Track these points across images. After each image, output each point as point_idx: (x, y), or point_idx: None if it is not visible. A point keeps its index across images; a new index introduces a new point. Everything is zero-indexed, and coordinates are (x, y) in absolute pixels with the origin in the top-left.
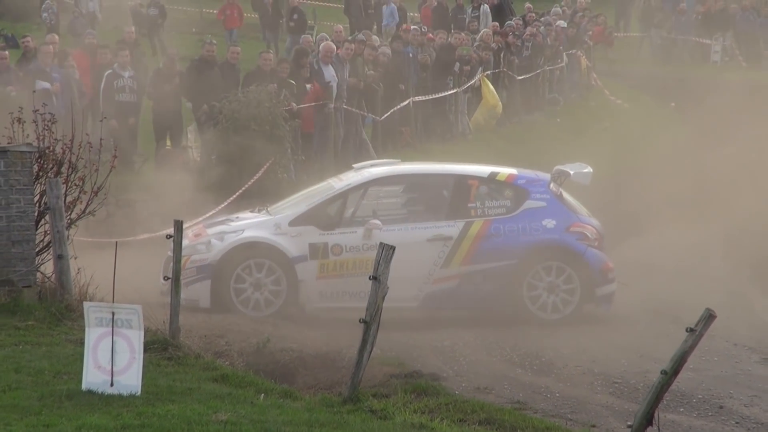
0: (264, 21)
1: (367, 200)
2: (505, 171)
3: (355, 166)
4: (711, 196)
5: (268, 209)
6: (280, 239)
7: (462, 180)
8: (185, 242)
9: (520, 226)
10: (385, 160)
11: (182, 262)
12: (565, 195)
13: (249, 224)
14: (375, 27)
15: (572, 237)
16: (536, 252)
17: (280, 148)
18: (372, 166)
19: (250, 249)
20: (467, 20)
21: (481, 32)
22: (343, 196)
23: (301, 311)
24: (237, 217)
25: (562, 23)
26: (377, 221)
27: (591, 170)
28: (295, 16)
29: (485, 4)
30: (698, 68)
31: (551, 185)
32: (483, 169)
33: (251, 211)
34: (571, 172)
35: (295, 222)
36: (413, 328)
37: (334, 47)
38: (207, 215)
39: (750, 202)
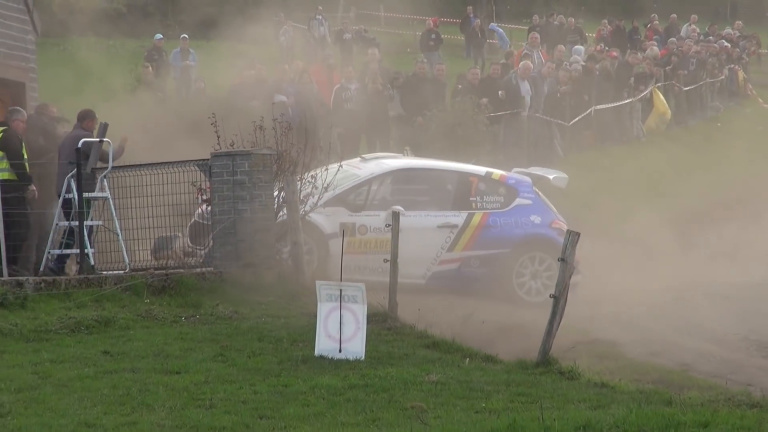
0: (470, 41)
1: (385, 187)
2: (497, 171)
3: (365, 156)
4: None
5: None
6: (318, 217)
7: (464, 176)
8: None
9: (513, 220)
10: (388, 153)
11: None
12: (542, 195)
13: None
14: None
15: (554, 232)
16: (526, 243)
17: (480, 149)
18: (375, 158)
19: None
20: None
21: (648, 51)
22: (369, 183)
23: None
24: None
25: (724, 42)
26: (400, 207)
27: (567, 177)
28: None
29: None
30: None
31: (534, 186)
32: (480, 169)
33: None
34: (551, 177)
35: (329, 203)
36: (594, 301)
37: (532, 66)
38: None
39: None
